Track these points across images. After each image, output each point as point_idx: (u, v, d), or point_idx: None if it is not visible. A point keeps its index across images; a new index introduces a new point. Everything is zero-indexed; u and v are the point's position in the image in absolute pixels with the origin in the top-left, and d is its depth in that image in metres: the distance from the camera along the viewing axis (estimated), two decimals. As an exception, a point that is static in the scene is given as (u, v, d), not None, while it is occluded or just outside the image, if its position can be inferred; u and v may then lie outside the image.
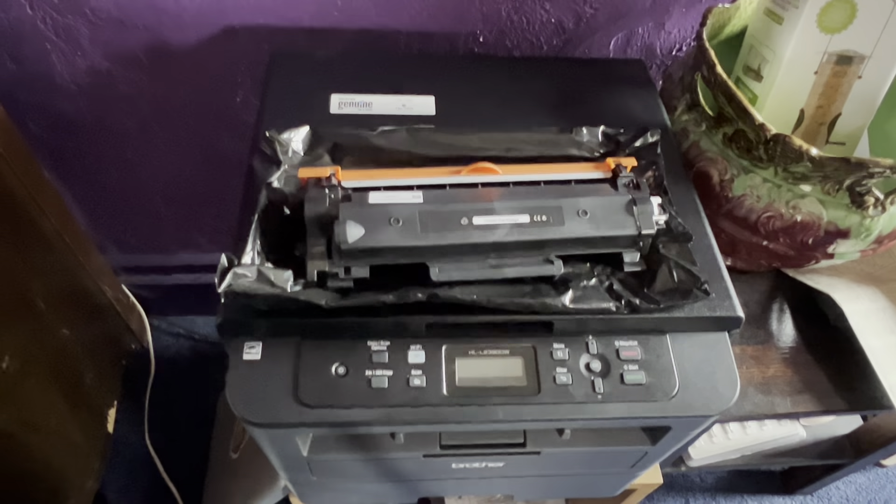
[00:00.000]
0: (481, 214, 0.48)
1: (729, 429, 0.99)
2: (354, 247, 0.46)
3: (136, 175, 0.96)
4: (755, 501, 1.19)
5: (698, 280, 0.49)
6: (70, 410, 0.99)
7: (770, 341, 0.74)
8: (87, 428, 1.05)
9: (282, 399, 0.47)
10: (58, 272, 0.96)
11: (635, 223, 0.49)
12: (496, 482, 0.65)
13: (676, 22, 0.78)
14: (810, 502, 1.19)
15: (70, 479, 0.99)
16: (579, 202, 0.50)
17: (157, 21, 0.74)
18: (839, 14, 0.60)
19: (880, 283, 0.77)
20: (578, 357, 0.50)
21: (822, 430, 1.04)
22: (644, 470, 0.64)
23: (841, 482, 1.21)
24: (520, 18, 0.76)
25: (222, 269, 0.45)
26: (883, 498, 1.20)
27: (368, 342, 0.49)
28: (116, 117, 0.85)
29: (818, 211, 0.60)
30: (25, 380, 0.87)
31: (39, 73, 0.78)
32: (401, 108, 0.62)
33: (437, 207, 0.48)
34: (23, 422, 0.88)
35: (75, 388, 1.01)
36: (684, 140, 0.66)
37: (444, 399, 0.48)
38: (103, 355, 1.12)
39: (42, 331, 0.91)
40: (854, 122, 0.67)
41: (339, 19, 0.74)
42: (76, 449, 1.01)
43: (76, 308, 1.01)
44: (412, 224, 0.47)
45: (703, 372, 0.50)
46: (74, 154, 0.92)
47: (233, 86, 0.82)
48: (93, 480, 1.05)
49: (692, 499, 1.18)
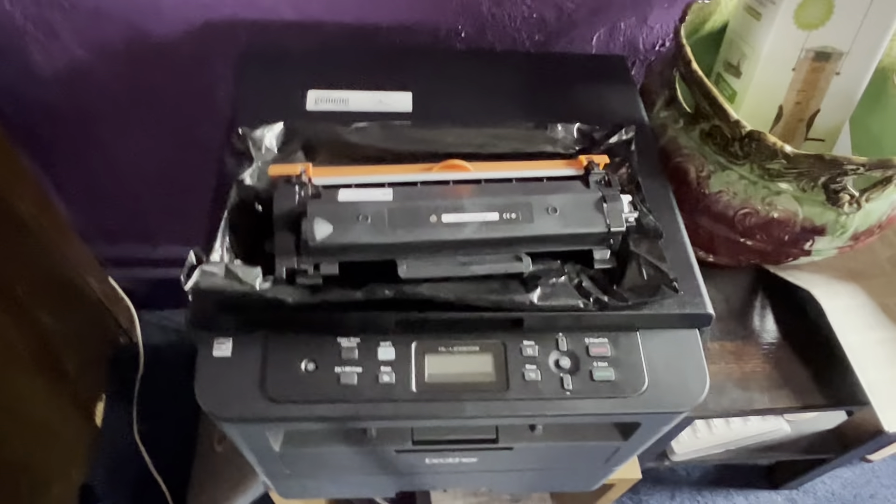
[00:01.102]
0: (450, 212, 0.48)
1: (713, 423, 0.99)
2: (322, 244, 0.46)
3: (118, 166, 0.96)
4: (741, 496, 1.19)
5: (667, 276, 0.49)
6: (54, 401, 1.00)
7: (749, 337, 0.74)
8: (73, 419, 1.06)
9: (250, 394, 0.47)
10: (38, 261, 0.96)
11: (605, 220, 0.49)
12: (472, 476, 0.65)
13: (659, 17, 0.78)
14: (796, 497, 1.20)
15: (55, 470, 1.00)
16: (549, 199, 0.50)
17: (136, 11, 0.73)
18: (816, 10, 0.60)
19: (861, 280, 0.77)
20: (548, 354, 0.50)
21: (807, 425, 1.04)
22: (619, 465, 0.64)
23: (827, 477, 1.22)
24: (501, 13, 0.76)
25: (190, 265, 0.45)
26: (868, 492, 1.21)
27: (338, 339, 0.49)
28: (97, 109, 0.85)
29: (794, 208, 0.60)
30: (5, 370, 0.88)
31: (17, 63, 0.78)
32: (378, 105, 0.62)
33: (406, 205, 0.48)
34: (4, 412, 0.88)
35: (60, 380, 1.01)
36: (662, 136, 0.66)
37: (412, 395, 0.48)
38: (89, 347, 1.12)
39: (22, 319, 0.91)
40: (833, 118, 0.67)
41: (319, 12, 0.74)
42: (61, 440, 1.02)
43: (58, 298, 1.01)
44: (381, 221, 0.47)
45: (673, 368, 0.50)
46: (55, 145, 0.92)
47: (213, 77, 0.81)
48: (79, 472, 1.06)
49: (678, 493, 1.19)
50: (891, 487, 1.21)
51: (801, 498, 1.20)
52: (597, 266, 0.51)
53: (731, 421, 1.00)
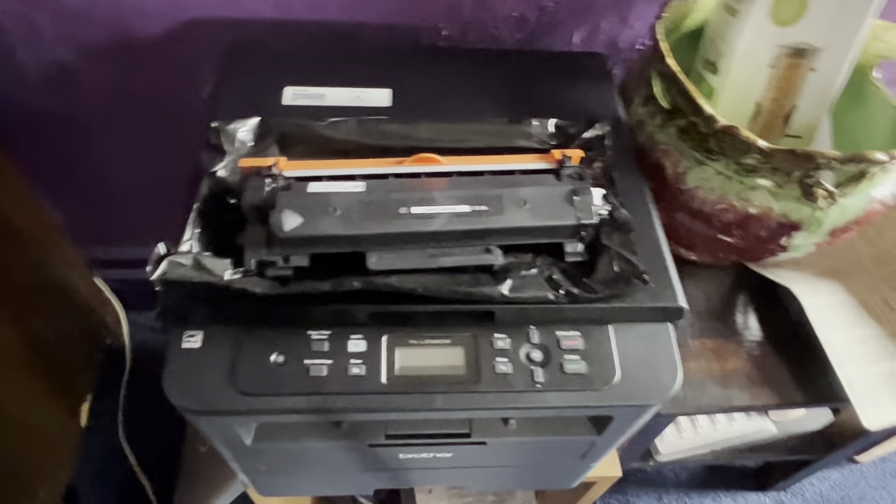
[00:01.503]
0: (420, 204, 0.48)
1: (698, 423, 0.99)
2: (291, 235, 0.46)
3: (105, 167, 0.96)
4: (729, 497, 1.19)
5: (638, 269, 0.49)
6: (41, 402, 1.00)
7: (730, 335, 0.74)
8: (60, 421, 1.05)
9: (219, 387, 0.47)
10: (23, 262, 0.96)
11: (575, 213, 0.49)
12: (448, 473, 0.65)
13: (639, 15, 0.78)
14: (784, 499, 1.20)
15: (41, 471, 1.00)
16: (519, 192, 0.50)
17: (120, 13, 0.74)
18: (791, 6, 0.60)
19: (841, 277, 0.77)
20: (519, 347, 0.50)
21: (793, 426, 1.04)
22: (596, 461, 0.64)
23: (815, 478, 1.21)
24: (482, 12, 0.76)
25: (157, 256, 0.45)
26: (857, 494, 1.20)
27: (308, 331, 0.49)
28: (84, 110, 0.86)
29: (769, 203, 0.60)
30: (-9, 371, 0.87)
31: (4, 64, 0.78)
32: (355, 100, 0.62)
33: (376, 197, 0.48)
34: (-11, 413, 0.88)
35: (46, 381, 1.01)
36: (640, 132, 0.66)
37: (383, 387, 0.48)
38: (76, 349, 1.12)
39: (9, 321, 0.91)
40: (810, 114, 0.67)
41: (301, 11, 0.75)
42: (47, 441, 1.01)
43: (45, 299, 1.01)
44: (350, 213, 0.47)
45: (645, 362, 0.50)
46: (43, 148, 0.92)
47: (197, 78, 0.81)
48: (64, 473, 1.06)
49: (665, 494, 1.18)
50: (879, 489, 1.21)
51: (788, 500, 1.19)
52: (568, 259, 0.51)
53: (716, 421, 0.99)
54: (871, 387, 0.69)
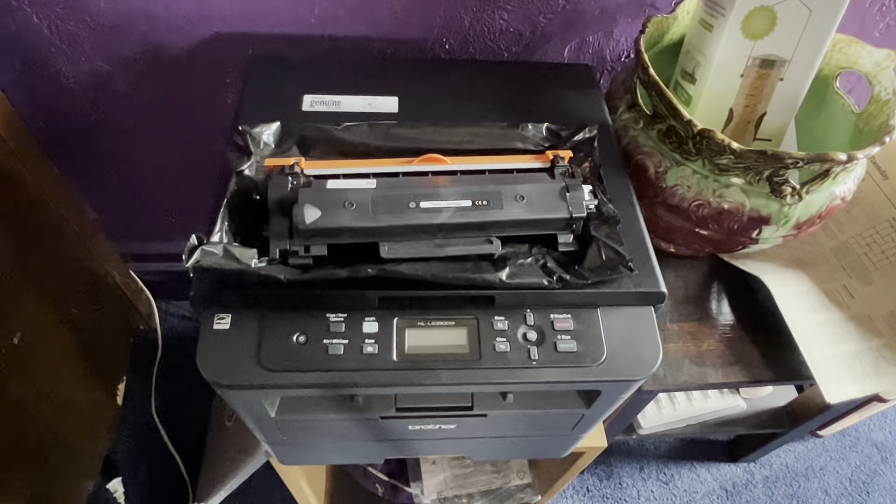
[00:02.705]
0: (428, 199, 0.49)
1: (675, 400, 1.00)
2: (312, 227, 0.47)
3: (137, 169, 0.96)
4: (704, 468, 1.20)
5: (624, 258, 0.49)
6: (80, 382, 1.00)
7: (705, 319, 0.74)
8: (98, 399, 1.06)
9: (247, 364, 0.47)
10: (66, 256, 0.97)
11: (567, 207, 0.50)
12: (452, 443, 0.65)
13: (623, 31, 0.78)
14: (753, 469, 1.20)
15: (81, 444, 1.00)
16: (517, 189, 0.50)
17: (152, 27, 0.74)
18: (761, 21, 0.60)
19: (806, 267, 0.78)
20: (517, 328, 0.50)
21: (761, 402, 1.05)
22: (585, 433, 0.64)
23: (781, 451, 1.22)
24: (481, 27, 0.76)
25: (191, 246, 0.45)
26: (819, 465, 1.21)
27: (327, 314, 0.49)
28: (117, 115, 0.86)
29: (741, 199, 0.61)
30: (37, 354, 0.88)
31: (46, 74, 0.78)
32: (367, 107, 0.62)
33: (387, 192, 0.49)
34: (36, 391, 0.88)
35: (85, 363, 1.01)
36: (625, 136, 0.66)
37: (393, 364, 0.48)
38: (112, 334, 1.12)
39: (51, 310, 0.91)
40: (778, 119, 0.68)
41: (315, 27, 0.75)
42: (86, 417, 1.02)
43: (84, 290, 1.01)
44: (365, 207, 0.48)
45: (630, 341, 0.50)
46: (80, 149, 0.92)
47: (222, 86, 0.82)
48: (103, 445, 1.06)
49: (646, 465, 1.19)
50: (839, 460, 1.22)
51: (757, 470, 1.20)
52: (561, 248, 0.51)
53: (692, 398, 1.00)
54: (833, 366, 0.69)
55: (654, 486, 1.16)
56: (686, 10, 0.70)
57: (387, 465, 1.06)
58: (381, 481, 1.04)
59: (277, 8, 0.73)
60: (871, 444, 1.24)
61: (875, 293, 0.75)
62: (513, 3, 0.74)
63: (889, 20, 0.80)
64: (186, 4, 0.72)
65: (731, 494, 1.16)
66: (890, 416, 1.28)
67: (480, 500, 1.02)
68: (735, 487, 1.17)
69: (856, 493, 1.18)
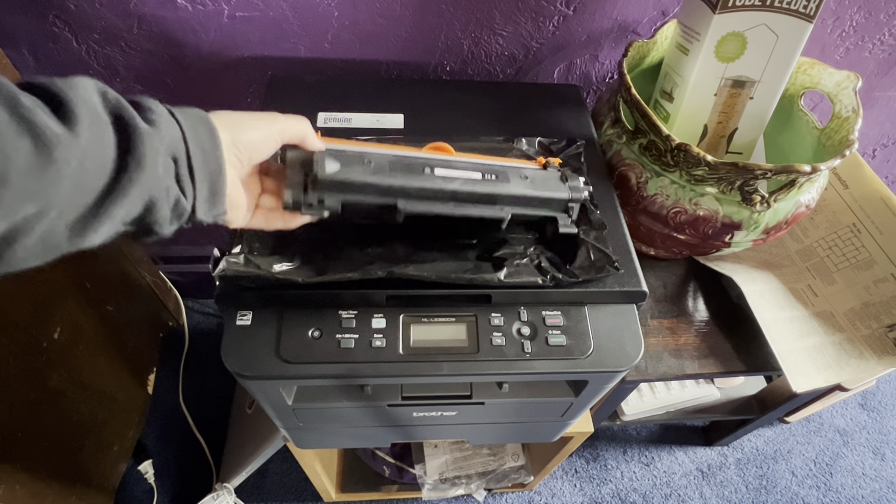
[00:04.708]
0: (442, 167, 0.46)
1: (656, 389, 0.99)
2: (330, 178, 0.42)
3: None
4: (682, 451, 1.19)
5: (610, 259, 0.50)
6: (114, 374, 1.00)
7: (683, 315, 0.74)
8: (130, 389, 1.06)
9: (266, 357, 0.47)
10: (102, 258, 0.97)
11: (567, 190, 0.50)
12: (453, 429, 0.65)
13: (608, 55, 0.79)
14: (727, 452, 1.20)
15: (115, 430, 1.00)
16: (521, 170, 0.49)
17: (180, 52, 0.74)
18: (733, 46, 0.61)
19: (774, 268, 0.77)
20: (512, 324, 0.50)
21: (734, 391, 1.04)
22: (574, 419, 0.64)
23: (752, 435, 1.22)
24: (479, 51, 0.77)
25: (215, 258, 0.45)
26: (787, 448, 1.21)
27: (339, 311, 0.49)
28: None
29: (715, 207, 0.61)
30: (75, 347, 0.88)
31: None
32: (375, 123, 0.62)
33: (404, 159, 0.46)
34: (73, 382, 0.88)
35: (118, 356, 1.01)
36: (609, 150, 0.66)
37: (400, 357, 0.48)
38: (143, 329, 1.12)
39: (89, 307, 0.91)
40: (748, 134, 0.68)
41: (329, 51, 0.75)
42: (119, 405, 1.02)
43: (118, 289, 1.01)
44: (383, 166, 0.45)
45: (614, 336, 0.51)
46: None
47: (244, 105, 0.82)
48: (134, 431, 1.06)
49: (629, 449, 1.18)
50: (805, 444, 1.21)
51: (730, 453, 1.20)
52: (561, 230, 0.50)
53: (670, 387, 1.00)
54: (799, 358, 0.69)
55: (636, 467, 1.16)
56: (665, 36, 0.70)
57: (393, 448, 1.06)
58: (387, 463, 1.04)
59: (294, 34, 0.73)
60: (833, 429, 1.24)
61: (837, 292, 0.75)
62: (508, 29, 0.74)
63: (848, 44, 0.80)
64: (212, 31, 0.72)
65: (706, 475, 1.16)
66: (851, 403, 1.28)
67: (478, 481, 1.02)
68: (710, 469, 1.17)
69: (820, 474, 1.17)
